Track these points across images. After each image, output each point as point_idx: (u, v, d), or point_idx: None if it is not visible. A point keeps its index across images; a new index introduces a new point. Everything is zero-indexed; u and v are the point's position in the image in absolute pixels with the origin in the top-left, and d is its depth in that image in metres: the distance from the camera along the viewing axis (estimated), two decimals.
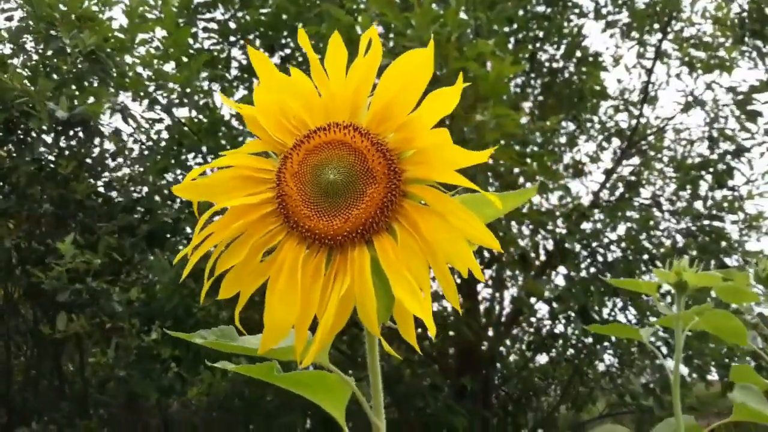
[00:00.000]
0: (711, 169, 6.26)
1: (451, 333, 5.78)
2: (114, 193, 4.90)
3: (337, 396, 0.71)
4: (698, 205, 6.41)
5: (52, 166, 4.59)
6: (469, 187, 0.54)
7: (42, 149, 4.38)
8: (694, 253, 6.28)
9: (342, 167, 0.56)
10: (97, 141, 4.82)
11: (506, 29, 5.86)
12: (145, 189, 4.90)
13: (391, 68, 0.55)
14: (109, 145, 4.93)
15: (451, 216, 0.53)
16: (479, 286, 6.41)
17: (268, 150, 0.62)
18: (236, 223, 0.59)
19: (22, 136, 4.39)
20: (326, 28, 4.50)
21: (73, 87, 4.55)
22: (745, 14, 5.82)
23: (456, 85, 0.54)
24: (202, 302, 3.10)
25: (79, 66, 4.35)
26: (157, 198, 4.87)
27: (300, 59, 5.96)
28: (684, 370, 6.42)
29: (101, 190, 4.88)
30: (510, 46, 5.77)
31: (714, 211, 6.34)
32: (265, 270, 0.59)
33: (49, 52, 4.46)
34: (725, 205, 6.26)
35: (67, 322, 3.85)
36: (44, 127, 4.25)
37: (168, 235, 4.81)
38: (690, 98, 6.51)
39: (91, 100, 4.37)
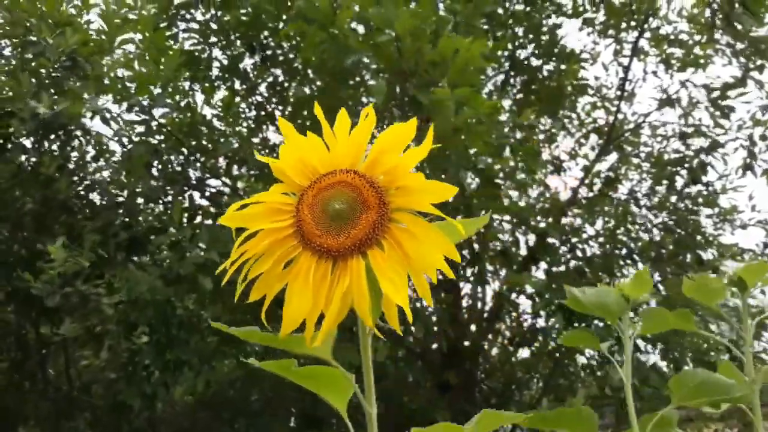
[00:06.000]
0: (686, 165, 6.37)
1: (435, 329, 5.84)
2: (95, 196, 4.88)
3: (340, 389, 0.86)
4: (675, 199, 6.52)
5: (32, 167, 4.56)
6: (440, 215, 0.74)
7: (23, 156, 4.36)
8: (671, 247, 6.41)
9: (344, 199, 0.75)
10: (76, 143, 4.80)
11: (485, 26, 5.89)
12: (126, 192, 4.88)
13: (383, 133, 0.75)
14: (89, 149, 4.91)
15: (424, 235, 0.72)
16: (461, 283, 6.49)
17: (289, 191, 0.81)
18: (264, 241, 0.78)
19: (1, 142, 4.36)
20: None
21: (53, 91, 4.52)
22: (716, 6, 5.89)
23: (424, 143, 0.73)
24: (237, 300, 3.24)
25: (58, 70, 4.33)
26: (139, 201, 4.87)
27: (281, 59, 5.96)
28: (661, 362, 6.55)
29: (82, 193, 4.86)
30: (489, 43, 5.79)
31: (690, 206, 6.45)
32: (285, 277, 0.77)
33: (29, 56, 4.43)
34: (700, 200, 6.37)
35: (68, 326, 3.85)
36: (24, 132, 4.24)
37: (152, 237, 4.80)
38: (665, 95, 6.61)
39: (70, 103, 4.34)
